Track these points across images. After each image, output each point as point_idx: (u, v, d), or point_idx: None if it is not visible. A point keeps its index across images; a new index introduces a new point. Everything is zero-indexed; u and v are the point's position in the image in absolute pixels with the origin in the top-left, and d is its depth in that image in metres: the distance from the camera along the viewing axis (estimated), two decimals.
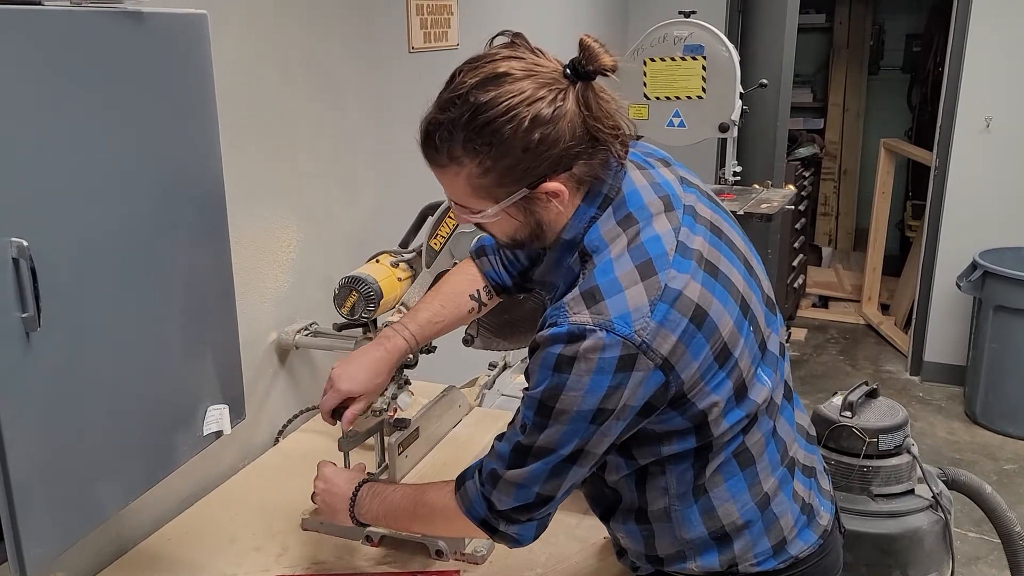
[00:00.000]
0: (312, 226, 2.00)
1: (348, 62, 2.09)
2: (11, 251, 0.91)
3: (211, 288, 1.27)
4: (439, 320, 1.44)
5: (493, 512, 1.14)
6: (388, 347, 1.39)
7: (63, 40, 0.97)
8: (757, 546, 1.16)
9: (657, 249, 1.06)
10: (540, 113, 1.00)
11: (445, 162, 1.05)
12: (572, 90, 1.02)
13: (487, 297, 1.47)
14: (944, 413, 4.11)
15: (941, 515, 2.07)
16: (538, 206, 1.07)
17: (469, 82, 1.02)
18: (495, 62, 1.02)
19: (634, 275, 1.03)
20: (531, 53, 1.05)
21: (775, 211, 3.10)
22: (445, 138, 1.03)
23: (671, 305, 1.02)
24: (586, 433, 1.04)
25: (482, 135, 1.01)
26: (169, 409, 1.20)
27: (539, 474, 1.08)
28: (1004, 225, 4.08)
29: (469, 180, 1.05)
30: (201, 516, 1.60)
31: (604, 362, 1.00)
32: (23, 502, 0.95)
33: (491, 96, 1.00)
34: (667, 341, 1.01)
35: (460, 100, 1.01)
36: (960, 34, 4.01)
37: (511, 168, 1.03)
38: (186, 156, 1.19)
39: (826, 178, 6.16)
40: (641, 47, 3.16)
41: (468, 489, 1.16)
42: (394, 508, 1.28)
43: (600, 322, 1.00)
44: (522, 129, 1.00)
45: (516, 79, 1.01)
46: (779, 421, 1.19)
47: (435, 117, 1.04)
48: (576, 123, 1.02)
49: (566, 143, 1.02)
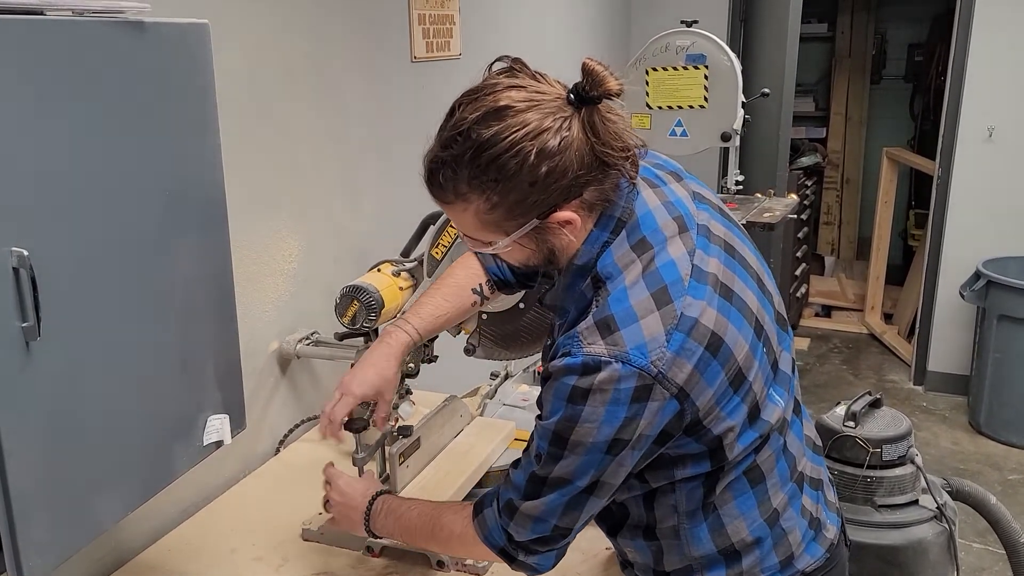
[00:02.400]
0: (313, 235, 2.00)
1: (350, 71, 2.10)
2: (11, 261, 0.91)
3: (212, 297, 1.26)
4: (442, 314, 1.43)
5: (512, 543, 1.13)
6: (390, 341, 1.38)
7: (65, 50, 0.97)
8: (765, 561, 1.15)
9: (672, 275, 1.03)
10: (547, 146, 0.96)
11: (451, 199, 1.03)
12: (577, 117, 0.99)
13: (489, 291, 1.45)
14: (948, 423, 4.09)
15: (945, 526, 2.06)
16: (550, 235, 1.04)
17: (470, 117, 0.98)
18: (495, 94, 0.98)
19: (649, 304, 1.01)
20: (532, 80, 1.01)
21: (777, 220, 3.10)
22: (449, 176, 1.00)
23: (687, 334, 1.00)
24: (602, 464, 1.03)
25: (487, 172, 0.98)
26: (169, 419, 1.19)
27: (556, 506, 1.07)
28: (1007, 234, 4.07)
29: (477, 215, 1.03)
30: (201, 526, 1.59)
31: (620, 393, 0.99)
32: (22, 512, 0.95)
33: (494, 131, 0.96)
34: (683, 370, 1.00)
35: (462, 137, 0.98)
36: (962, 43, 4.01)
37: (519, 202, 1.00)
38: (187, 165, 1.19)
39: (828, 187, 6.16)
40: (643, 57, 3.16)
41: (487, 517, 1.15)
42: (410, 527, 1.27)
43: (616, 353, 0.99)
44: (528, 164, 0.96)
45: (519, 111, 0.97)
46: (789, 436, 1.18)
47: (437, 155, 1.01)
48: (584, 151, 0.99)
49: (575, 172, 0.99)
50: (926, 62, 5.62)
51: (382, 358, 1.37)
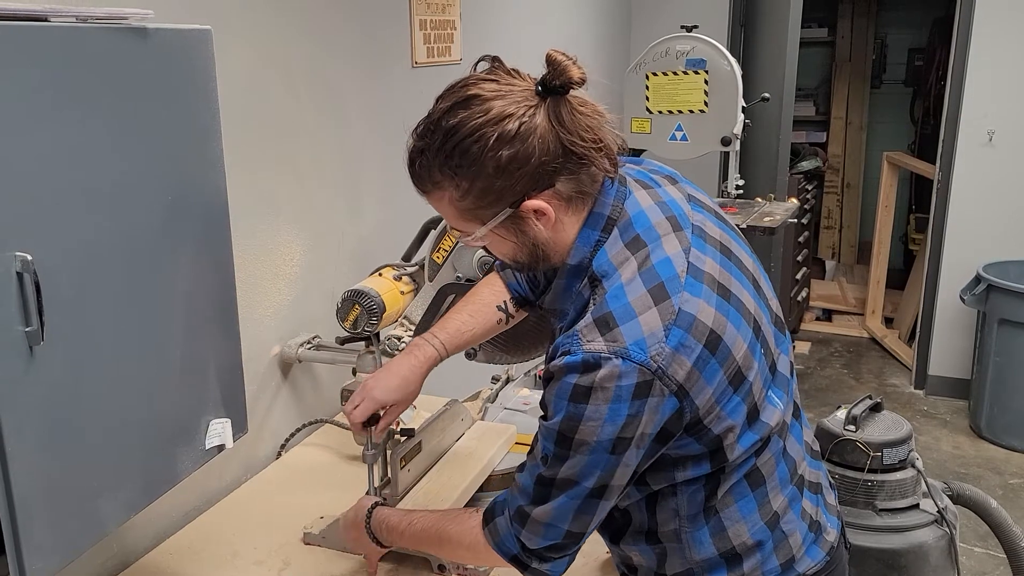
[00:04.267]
0: (315, 240, 2.00)
1: (352, 77, 2.10)
2: (15, 265, 0.91)
3: (214, 301, 1.27)
4: (468, 330, 1.44)
5: (525, 551, 1.13)
6: (419, 356, 1.39)
7: (68, 56, 0.98)
8: (766, 564, 1.15)
9: (668, 272, 1.04)
10: (506, 130, 1.00)
11: (429, 188, 1.07)
12: (543, 106, 1.02)
13: (514, 309, 1.47)
14: (949, 427, 4.09)
15: (946, 530, 2.06)
16: (527, 226, 1.06)
17: (441, 107, 1.04)
18: (467, 86, 1.04)
19: (647, 300, 1.02)
20: (507, 75, 1.05)
21: (778, 224, 3.11)
22: (424, 164, 1.05)
23: (686, 330, 1.01)
24: (607, 464, 1.03)
25: (453, 158, 1.02)
26: (171, 423, 1.20)
27: (566, 511, 1.07)
28: (1008, 238, 4.08)
29: (452, 203, 1.06)
30: (203, 530, 1.59)
31: (621, 390, 0.99)
32: (25, 516, 0.95)
33: (459, 119, 1.01)
34: (682, 368, 1.01)
35: (434, 126, 1.04)
36: (962, 48, 4.02)
37: (487, 189, 1.03)
38: (190, 170, 1.19)
39: (829, 191, 6.16)
40: (643, 61, 3.17)
41: (499, 526, 1.15)
42: (416, 538, 1.28)
43: (615, 349, 0.99)
44: (488, 148, 1.00)
45: (485, 99, 1.01)
46: (789, 440, 1.18)
47: (415, 145, 1.06)
48: (548, 139, 1.01)
49: (539, 159, 1.01)
50: (926, 66, 5.62)
51: (410, 370, 1.37)
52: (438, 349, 1.40)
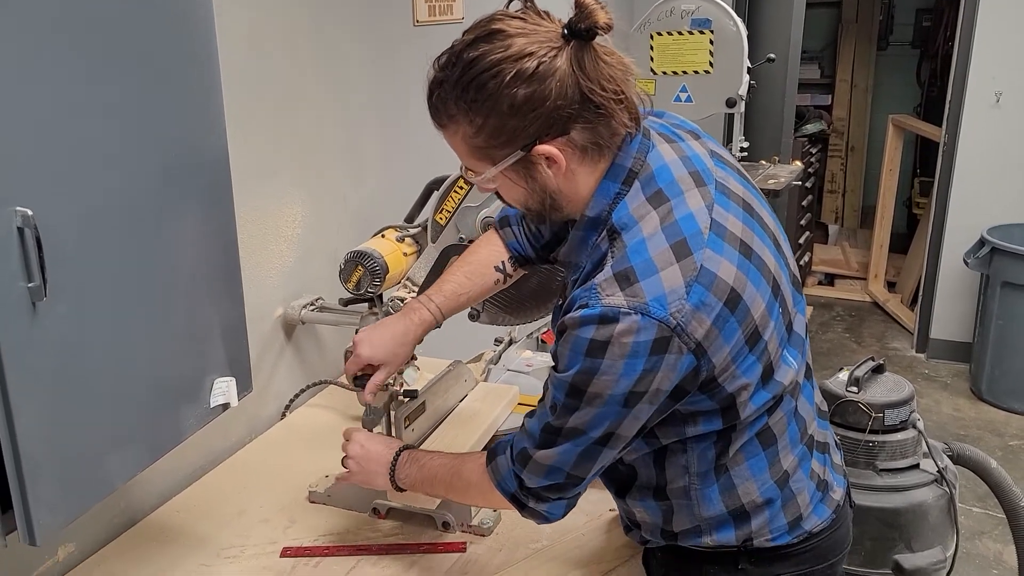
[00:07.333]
0: (318, 201, 1.99)
1: (352, 35, 2.08)
2: (16, 220, 0.91)
3: (217, 260, 1.27)
4: (464, 292, 1.43)
5: (523, 489, 1.13)
6: (414, 319, 1.38)
7: (67, 11, 0.96)
8: (774, 522, 1.16)
9: (691, 228, 1.03)
10: (524, 67, 0.97)
11: (444, 121, 1.05)
12: (566, 49, 0.99)
13: (512, 268, 1.45)
14: (950, 390, 4.11)
15: (946, 489, 2.07)
16: (538, 172, 1.05)
17: (465, 39, 1.02)
18: (494, 20, 1.02)
19: (669, 255, 1.01)
20: (536, 15, 1.03)
21: (782, 187, 3.10)
22: (442, 96, 1.03)
23: (707, 288, 1.00)
24: (618, 416, 1.03)
25: (469, 91, 1.00)
26: (176, 381, 1.20)
27: (569, 456, 1.07)
28: (1013, 201, 4.06)
29: (465, 140, 1.05)
30: (209, 489, 1.61)
31: (638, 345, 0.98)
32: (31, 471, 0.96)
33: (480, 52, 0.99)
34: (702, 326, 0.99)
35: (456, 58, 1.02)
36: (970, 9, 3.96)
37: (500, 128, 1.01)
38: (191, 129, 1.18)
39: (833, 155, 6.12)
40: (648, 21, 3.13)
41: (499, 464, 1.16)
42: (431, 476, 1.27)
43: (635, 304, 0.98)
44: (504, 84, 0.98)
45: (508, 35, 0.99)
46: (800, 400, 1.18)
47: (435, 76, 1.04)
48: (567, 83, 0.99)
49: (554, 103, 0.99)
50: (934, 27, 5.55)
51: (402, 332, 1.37)
52: (433, 313, 1.39)
